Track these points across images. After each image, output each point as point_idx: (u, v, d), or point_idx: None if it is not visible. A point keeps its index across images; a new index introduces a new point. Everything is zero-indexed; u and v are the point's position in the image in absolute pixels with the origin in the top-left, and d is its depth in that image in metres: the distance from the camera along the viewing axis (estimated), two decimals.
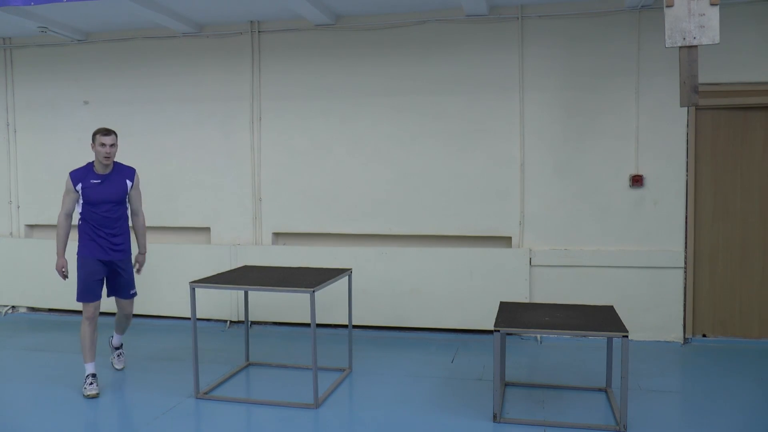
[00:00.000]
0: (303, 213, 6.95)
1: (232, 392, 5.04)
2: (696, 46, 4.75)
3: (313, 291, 4.59)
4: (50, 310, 7.65)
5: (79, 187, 5.00)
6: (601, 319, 4.52)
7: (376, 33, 6.68)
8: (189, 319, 4.92)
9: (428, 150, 6.66)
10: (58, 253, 5.10)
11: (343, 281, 5.47)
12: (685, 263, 6.27)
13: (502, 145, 6.49)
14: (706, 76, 5.57)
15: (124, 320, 5.49)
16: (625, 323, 4.50)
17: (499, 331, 4.36)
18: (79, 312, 7.31)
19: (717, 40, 4.70)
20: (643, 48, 6.18)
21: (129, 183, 5.15)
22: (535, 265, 6.39)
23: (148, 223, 7.25)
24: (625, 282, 6.29)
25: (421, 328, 6.64)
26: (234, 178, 7.09)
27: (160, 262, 7.10)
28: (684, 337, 6.30)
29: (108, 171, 5.05)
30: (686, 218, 6.25)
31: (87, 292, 5.04)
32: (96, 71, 7.38)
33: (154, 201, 7.24)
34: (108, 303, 5.31)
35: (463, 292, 6.48)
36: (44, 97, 7.57)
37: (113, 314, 5.52)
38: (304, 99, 6.88)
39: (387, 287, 6.62)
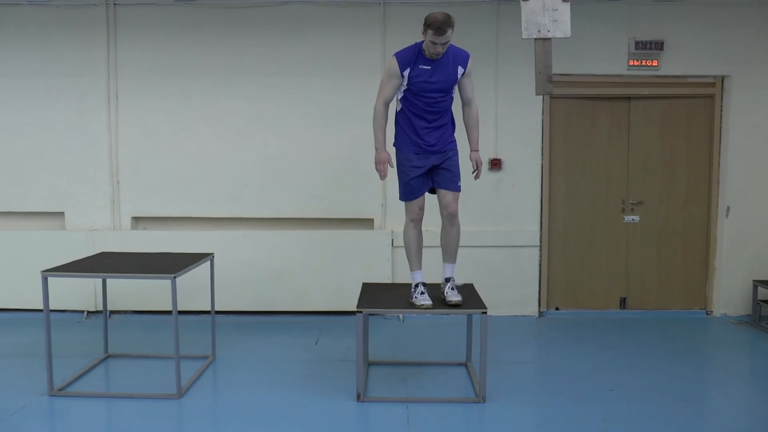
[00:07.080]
0: (163, 196, 6.71)
1: (89, 387, 4.82)
2: (550, 39, 5.02)
3: (174, 277, 4.47)
4: None
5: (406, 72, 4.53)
6: (462, 296, 4.69)
7: (238, 11, 6.51)
8: (42, 311, 4.62)
9: (292, 132, 6.62)
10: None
11: (205, 266, 5.35)
12: (540, 242, 6.64)
13: (365, 128, 6.44)
14: (559, 67, 5.86)
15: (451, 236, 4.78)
16: (484, 300, 4.71)
17: (361, 311, 4.44)
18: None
19: (569, 34, 4.99)
20: (501, 38, 6.45)
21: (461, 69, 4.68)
22: (397, 246, 6.49)
23: None
24: (485, 260, 6.57)
25: (285, 312, 6.62)
26: (90, 159, 6.70)
27: (9, 250, 6.62)
28: (539, 310, 6.70)
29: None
30: (541, 200, 6.62)
31: None
32: None
33: None
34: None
35: (327, 275, 6.52)
36: None
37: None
38: (164, 78, 6.60)
39: (250, 271, 6.53)
